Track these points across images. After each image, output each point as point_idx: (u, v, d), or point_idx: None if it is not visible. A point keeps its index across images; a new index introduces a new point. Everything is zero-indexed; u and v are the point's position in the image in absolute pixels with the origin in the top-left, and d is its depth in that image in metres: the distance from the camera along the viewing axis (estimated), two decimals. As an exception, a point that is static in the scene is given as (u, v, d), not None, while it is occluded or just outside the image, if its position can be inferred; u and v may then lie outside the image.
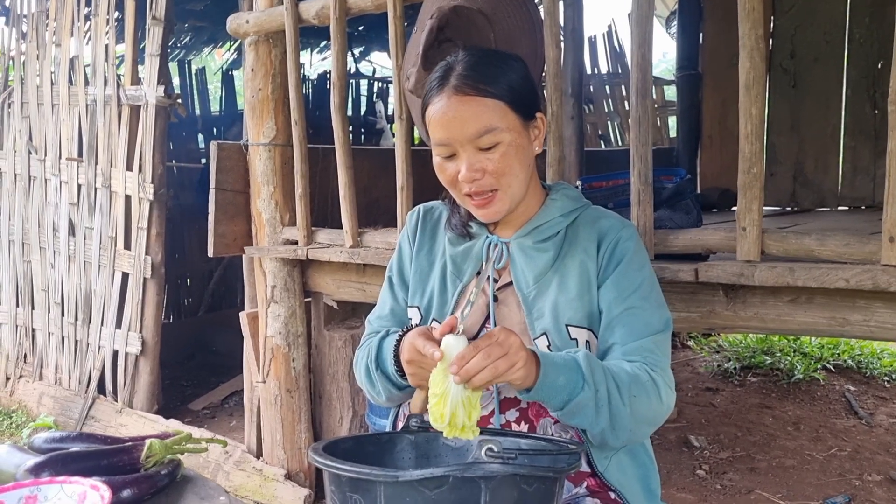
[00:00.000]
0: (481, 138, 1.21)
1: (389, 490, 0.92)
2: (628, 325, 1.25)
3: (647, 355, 1.24)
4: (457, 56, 1.27)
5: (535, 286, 1.30)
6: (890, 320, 1.58)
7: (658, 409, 1.22)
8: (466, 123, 1.20)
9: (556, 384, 1.12)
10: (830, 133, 3.63)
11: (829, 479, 2.99)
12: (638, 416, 1.19)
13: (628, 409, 1.17)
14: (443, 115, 1.22)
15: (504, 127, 1.21)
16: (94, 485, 1.16)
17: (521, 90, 1.25)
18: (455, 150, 1.23)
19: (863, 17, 3.51)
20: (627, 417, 1.17)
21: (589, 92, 6.78)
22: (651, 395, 1.20)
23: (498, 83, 1.22)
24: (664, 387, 1.22)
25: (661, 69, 10.45)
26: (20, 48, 4.18)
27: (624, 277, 1.28)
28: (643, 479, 1.32)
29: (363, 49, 7.07)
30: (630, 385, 1.18)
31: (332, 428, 2.84)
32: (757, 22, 1.61)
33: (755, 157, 1.64)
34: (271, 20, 2.55)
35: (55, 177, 3.92)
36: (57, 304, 3.97)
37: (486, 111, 1.21)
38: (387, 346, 1.32)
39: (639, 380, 1.19)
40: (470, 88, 1.21)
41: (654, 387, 1.20)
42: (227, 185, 2.74)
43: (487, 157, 1.22)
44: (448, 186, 1.30)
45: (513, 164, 1.23)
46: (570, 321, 1.26)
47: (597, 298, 1.29)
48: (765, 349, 4.70)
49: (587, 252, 1.30)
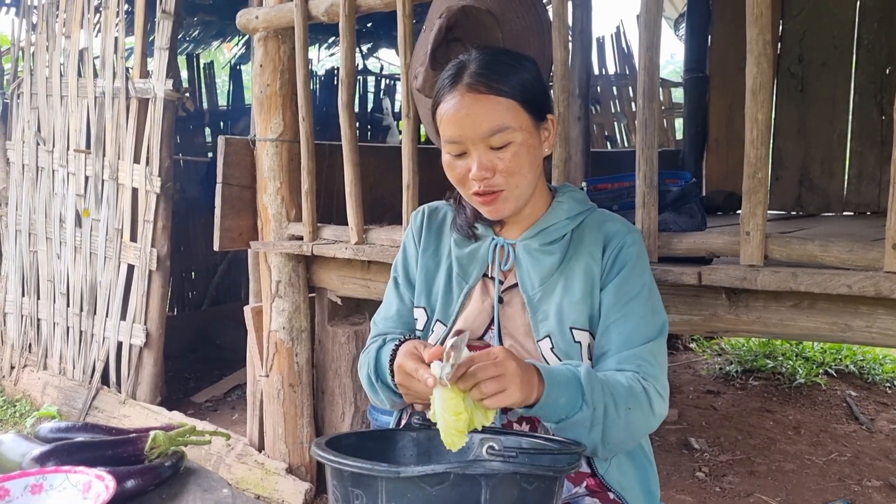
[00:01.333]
0: (493, 137, 1.21)
1: (391, 486, 0.93)
2: (624, 333, 1.26)
3: (642, 364, 1.24)
4: (470, 55, 1.27)
5: (541, 288, 1.30)
6: (892, 327, 1.59)
7: (649, 421, 1.23)
8: (479, 121, 1.20)
9: (557, 404, 1.13)
10: (837, 138, 3.63)
11: (828, 484, 3.00)
12: (631, 429, 1.20)
13: (623, 422, 1.17)
14: (455, 112, 1.22)
15: (516, 126, 1.21)
16: (99, 475, 1.17)
17: (534, 90, 1.25)
18: (466, 148, 1.23)
19: (872, 22, 3.51)
20: (621, 431, 1.18)
21: (596, 92, 6.78)
22: (644, 408, 1.20)
23: (511, 82, 1.22)
24: (656, 397, 1.22)
25: (669, 70, 10.43)
26: (30, 39, 4.20)
27: (625, 283, 1.28)
28: (643, 481, 1.32)
29: (371, 46, 7.07)
30: (626, 398, 1.18)
31: (334, 423, 2.85)
32: (765, 27, 1.61)
33: (760, 163, 1.65)
34: (280, 16, 2.56)
35: (63, 168, 3.94)
36: (62, 294, 3.99)
37: (499, 110, 1.20)
38: (384, 359, 1.31)
39: (633, 392, 1.19)
40: (483, 86, 1.21)
41: (646, 399, 1.21)
42: (234, 179, 2.75)
43: (498, 157, 1.22)
44: (457, 184, 1.30)
45: (523, 165, 1.23)
46: (573, 324, 1.27)
47: (598, 301, 1.29)
48: (767, 353, 4.70)
49: (592, 255, 1.30)
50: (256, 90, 2.72)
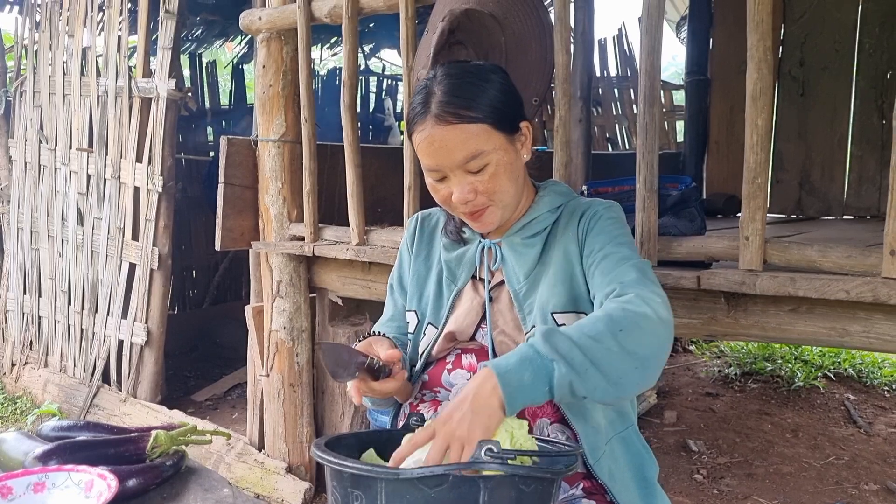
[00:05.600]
0: (469, 163, 1.21)
1: (390, 487, 0.94)
2: (604, 268, 1.22)
3: (621, 278, 1.16)
4: (434, 76, 1.26)
5: (526, 282, 1.31)
6: (890, 332, 1.60)
7: (655, 331, 1.07)
8: (453, 151, 1.21)
9: (524, 382, 1.00)
10: (837, 142, 3.64)
11: (825, 487, 3.00)
12: (636, 351, 1.04)
13: (620, 348, 1.03)
14: (429, 144, 1.22)
15: (490, 149, 1.21)
16: (102, 473, 1.18)
17: (503, 107, 1.24)
18: (445, 174, 1.25)
19: (873, 27, 3.52)
20: (625, 359, 1.03)
21: (597, 94, 6.79)
22: (640, 321, 1.06)
23: (480, 106, 1.21)
24: (651, 302, 1.09)
25: (670, 73, 10.44)
26: (33, 37, 4.21)
27: (598, 235, 1.27)
28: (636, 467, 1.32)
29: (373, 46, 7.08)
30: (609, 325, 1.05)
31: (334, 423, 2.86)
32: (765, 34, 1.62)
33: (760, 167, 1.66)
34: (283, 17, 2.57)
35: (65, 166, 3.95)
36: (64, 292, 4.00)
37: (471, 137, 1.20)
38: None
39: (614, 316, 1.06)
40: (452, 116, 1.20)
41: (633, 309, 1.07)
42: (236, 179, 2.76)
43: (477, 179, 1.23)
44: (443, 205, 1.31)
45: (503, 182, 1.24)
46: (554, 308, 1.26)
47: (582, 278, 1.27)
48: (766, 356, 4.71)
49: (568, 238, 1.30)
50: (259, 91, 2.73)
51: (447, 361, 1.37)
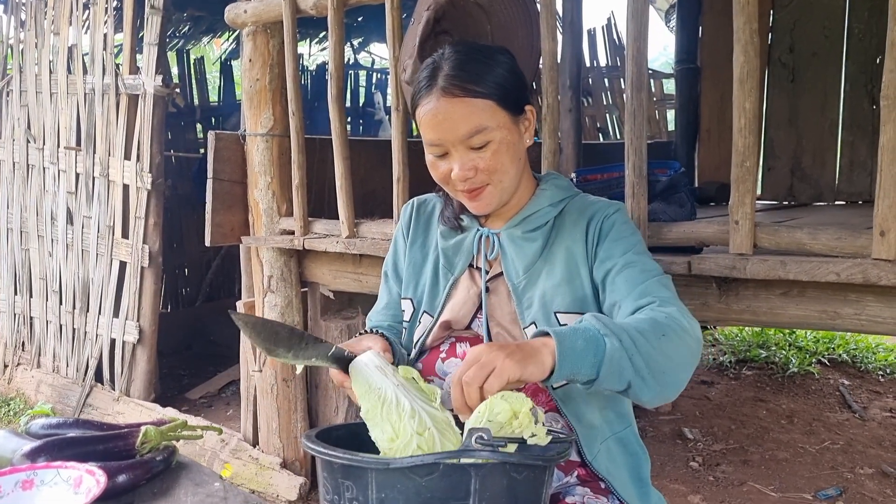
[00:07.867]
0: (472, 138, 1.21)
1: (381, 476, 0.93)
2: (629, 277, 1.22)
3: (655, 293, 1.19)
4: (443, 54, 1.26)
5: (525, 276, 1.30)
6: (881, 314, 1.60)
7: (688, 344, 1.11)
8: (457, 125, 1.20)
9: (576, 348, 1.01)
10: (828, 128, 3.63)
11: (821, 472, 3.01)
12: (673, 357, 1.09)
13: (660, 350, 1.06)
14: (433, 117, 1.22)
15: (494, 125, 1.21)
16: (90, 469, 1.17)
17: (510, 86, 1.24)
18: (447, 150, 1.24)
19: (862, 11, 3.51)
20: (664, 359, 1.07)
21: (588, 84, 6.78)
22: (678, 332, 1.10)
23: (486, 82, 1.21)
24: (685, 318, 1.14)
25: (661, 62, 10.44)
26: (19, 36, 4.18)
27: (616, 242, 1.27)
28: (633, 468, 1.32)
29: (362, 40, 7.06)
30: (654, 328, 1.08)
31: (328, 417, 2.85)
32: (752, 16, 1.61)
33: (748, 151, 1.65)
34: (269, 10, 2.55)
35: (53, 165, 3.92)
36: (55, 292, 3.98)
37: (476, 111, 1.20)
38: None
39: (658, 322, 1.10)
40: (458, 89, 1.20)
41: (675, 322, 1.11)
42: (225, 174, 2.75)
43: (479, 156, 1.23)
44: (441, 183, 1.30)
45: (504, 161, 1.24)
46: (558, 308, 1.26)
47: (588, 280, 1.28)
48: (760, 343, 4.72)
49: (574, 237, 1.30)
50: (246, 85, 2.71)
51: (441, 350, 1.36)
